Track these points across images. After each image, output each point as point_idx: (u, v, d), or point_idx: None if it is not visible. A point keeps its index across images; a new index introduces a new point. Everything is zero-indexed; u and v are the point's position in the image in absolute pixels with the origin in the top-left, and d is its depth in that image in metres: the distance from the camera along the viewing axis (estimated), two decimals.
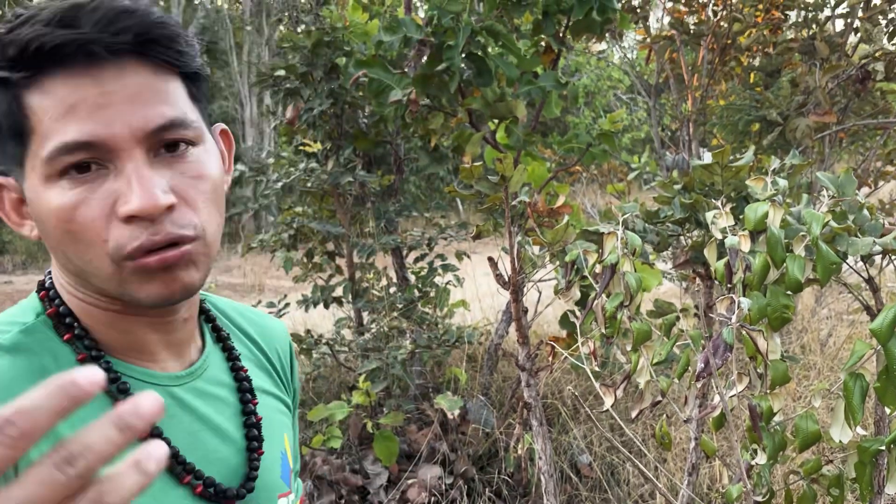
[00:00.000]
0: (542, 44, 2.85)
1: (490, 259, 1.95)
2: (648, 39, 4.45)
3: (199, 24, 18.65)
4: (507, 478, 3.07)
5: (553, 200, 2.06)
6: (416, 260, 3.75)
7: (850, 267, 1.39)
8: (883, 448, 1.19)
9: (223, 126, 0.77)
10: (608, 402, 1.42)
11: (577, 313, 1.60)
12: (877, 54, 3.62)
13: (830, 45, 3.91)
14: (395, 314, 3.37)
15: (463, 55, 2.53)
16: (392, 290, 3.65)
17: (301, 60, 3.35)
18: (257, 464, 0.77)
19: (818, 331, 4.44)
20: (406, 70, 2.78)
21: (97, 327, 0.70)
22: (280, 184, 3.67)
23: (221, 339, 0.82)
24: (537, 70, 2.74)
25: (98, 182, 0.62)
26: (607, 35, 3.94)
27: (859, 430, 1.18)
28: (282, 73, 3.36)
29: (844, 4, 4.06)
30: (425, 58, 2.55)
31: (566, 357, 1.67)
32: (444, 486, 2.94)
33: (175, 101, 0.65)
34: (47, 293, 0.71)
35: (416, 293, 3.55)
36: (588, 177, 6.89)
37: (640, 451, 3.12)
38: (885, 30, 3.92)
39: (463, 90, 2.67)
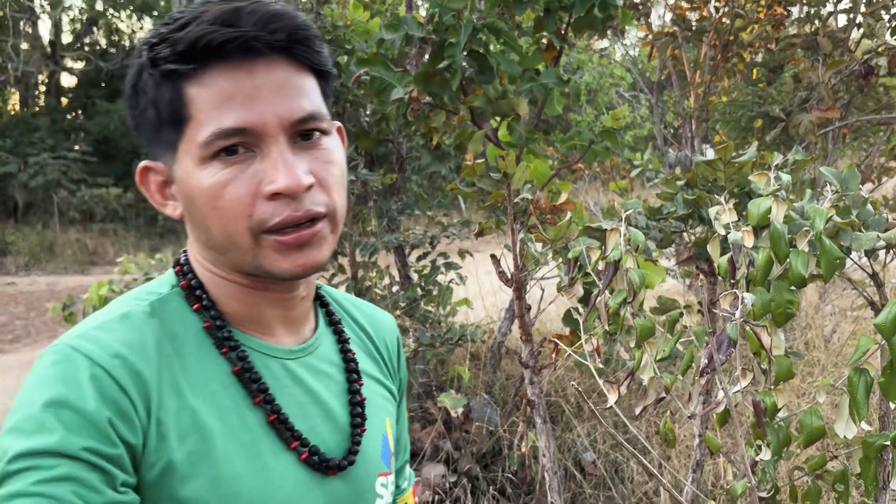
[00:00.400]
0: (544, 41, 2.84)
1: (493, 256, 1.95)
2: (650, 36, 4.44)
3: None
4: (510, 475, 3.07)
5: (555, 198, 2.05)
6: (419, 258, 3.75)
7: (854, 262, 1.39)
8: (888, 443, 1.19)
9: (339, 124, 0.83)
10: (612, 399, 1.41)
11: (580, 310, 1.60)
12: (880, 49, 3.61)
13: (833, 40, 3.89)
14: (398, 312, 3.37)
15: (464, 53, 2.53)
16: (395, 288, 3.65)
17: None
18: (359, 439, 0.82)
19: (822, 327, 4.43)
20: (407, 68, 2.78)
21: (224, 299, 0.77)
22: None
23: (333, 323, 0.89)
24: (539, 67, 2.73)
25: (246, 164, 0.70)
26: (609, 32, 3.93)
27: (864, 425, 1.18)
28: None
29: None
30: (427, 56, 2.54)
31: (569, 354, 1.66)
32: (447, 485, 2.94)
33: (312, 96, 0.74)
34: (182, 268, 0.79)
35: (419, 291, 3.54)
36: (590, 174, 6.88)
37: (645, 447, 3.12)
38: (887, 25, 3.90)
39: (465, 88, 2.66)
